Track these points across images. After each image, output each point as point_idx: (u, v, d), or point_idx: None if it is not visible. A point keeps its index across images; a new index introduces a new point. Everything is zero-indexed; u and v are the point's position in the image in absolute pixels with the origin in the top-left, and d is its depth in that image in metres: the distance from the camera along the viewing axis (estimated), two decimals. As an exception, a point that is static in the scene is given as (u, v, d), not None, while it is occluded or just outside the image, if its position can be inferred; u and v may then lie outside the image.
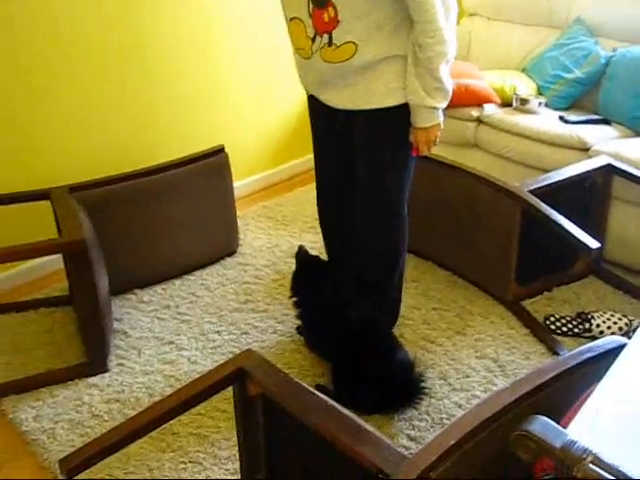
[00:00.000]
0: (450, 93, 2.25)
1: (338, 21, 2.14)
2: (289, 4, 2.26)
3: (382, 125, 2.33)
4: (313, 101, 2.48)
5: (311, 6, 2.16)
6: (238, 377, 1.76)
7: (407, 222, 2.54)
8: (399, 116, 2.29)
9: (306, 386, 1.71)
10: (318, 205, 2.72)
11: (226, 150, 3.21)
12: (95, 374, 2.60)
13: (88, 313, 2.56)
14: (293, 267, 2.69)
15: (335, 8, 2.12)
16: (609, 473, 1.18)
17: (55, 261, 3.14)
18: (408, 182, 2.46)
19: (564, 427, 1.31)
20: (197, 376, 1.83)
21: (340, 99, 2.33)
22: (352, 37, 2.16)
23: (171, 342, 2.78)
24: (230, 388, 1.81)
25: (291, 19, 2.27)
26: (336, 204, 2.64)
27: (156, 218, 3.05)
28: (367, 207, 2.49)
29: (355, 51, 2.18)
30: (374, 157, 2.40)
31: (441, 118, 2.29)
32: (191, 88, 3.63)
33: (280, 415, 1.70)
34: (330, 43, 2.19)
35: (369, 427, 1.59)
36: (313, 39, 2.21)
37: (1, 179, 2.99)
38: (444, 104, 2.26)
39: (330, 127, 2.47)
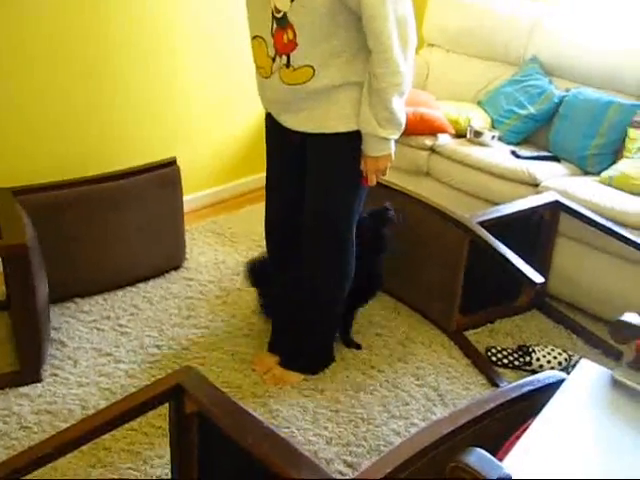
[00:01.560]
0: (403, 125, 2.26)
1: (296, 44, 2.14)
2: (254, 21, 2.26)
3: (334, 150, 2.33)
4: (270, 120, 2.47)
5: (274, 26, 2.16)
6: (175, 394, 1.72)
7: (354, 247, 2.54)
8: (351, 142, 2.29)
9: (243, 406, 1.68)
10: (266, 222, 2.69)
11: (177, 162, 3.18)
12: (27, 383, 2.51)
13: (24, 320, 2.48)
14: (238, 285, 2.66)
15: (294, 31, 2.12)
16: (542, 508, 1.18)
17: (-6, 265, 3.05)
18: (357, 209, 2.46)
19: (500, 460, 1.31)
20: (134, 390, 1.79)
21: (295, 121, 2.33)
22: (309, 61, 2.16)
23: (109, 354, 2.72)
24: (166, 404, 1.77)
25: (254, 37, 2.27)
26: (284, 224, 2.62)
27: (101, 227, 2.99)
28: (314, 232, 2.48)
29: (312, 75, 2.18)
30: (324, 181, 2.40)
31: (392, 149, 2.30)
32: (146, 99, 3.58)
33: (215, 434, 1.67)
34: (288, 65, 2.19)
35: (304, 452, 1.57)
36: (273, 59, 2.21)
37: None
38: (396, 135, 2.27)
39: (285, 147, 2.47)
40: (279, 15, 2.13)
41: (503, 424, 1.64)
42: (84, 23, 3.19)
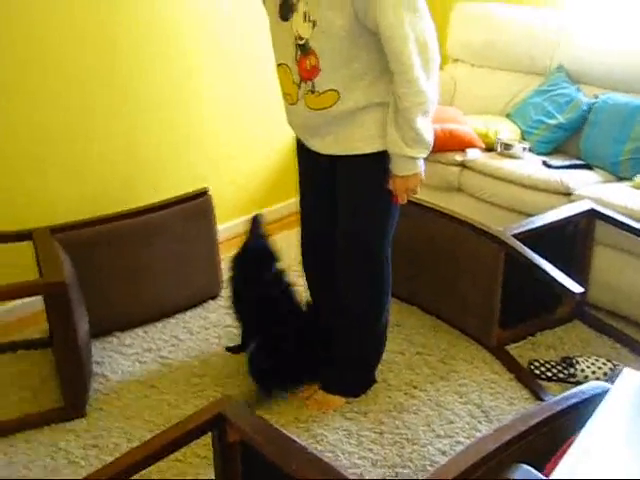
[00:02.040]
0: (430, 143, 2.26)
1: (319, 70, 2.17)
2: (279, 49, 2.30)
3: (362, 171, 2.35)
4: (300, 145, 2.50)
5: (298, 53, 2.19)
6: (217, 423, 1.73)
7: (390, 267, 2.53)
8: (378, 163, 2.30)
9: (286, 432, 1.68)
10: (302, 247, 2.71)
11: (210, 192, 3.21)
12: (72, 419, 2.54)
13: (67, 356, 2.52)
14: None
15: (317, 57, 2.14)
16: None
17: (36, 303, 3.09)
18: (390, 229, 2.46)
19: (547, 475, 1.29)
20: (178, 421, 1.79)
21: (323, 145, 2.35)
22: (334, 85, 2.19)
23: (152, 386, 2.74)
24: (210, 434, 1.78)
25: (279, 65, 2.31)
26: (319, 247, 2.64)
27: (138, 260, 3.03)
28: (348, 255, 2.48)
29: (337, 99, 2.20)
30: (354, 203, 2.41)
31: (421, 167, 2.30)
32: (175, 130, 3.63)
33: (259, 462, 1.67)
34: (313, 90, 2.21)
35: (350, 476, 1.56)
36: (299, 85, 2.24)
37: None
38: (424, 154, 2.27)
39: (315, 171, 2.49)
40: (302, 42, 2.16)
41: (549, 438, 1.62)
42: (104, 52, 3.26)
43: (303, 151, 2.50)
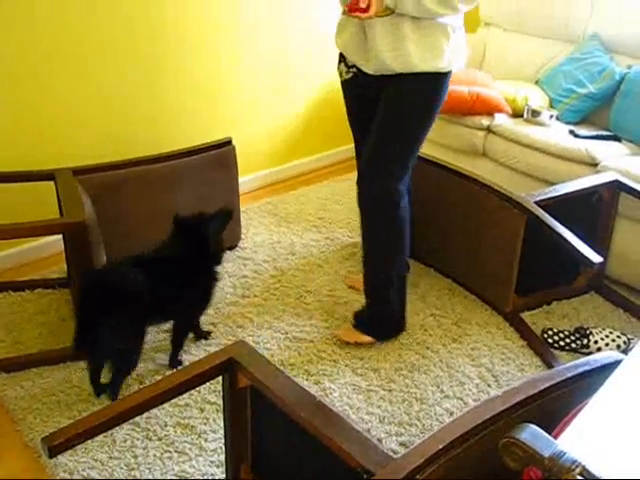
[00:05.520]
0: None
1: None
2: None
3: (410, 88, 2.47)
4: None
5: None
6: (228, 367, 1.74)
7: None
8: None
9: (296, 380, 1.69)
10: None
11: (233, 142, 3.20)
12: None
13: (84, 296, 2.54)
14: (293, 264, 2.67)
15: None
16: (597, 485, 1.17)
17: (56, 243, 3.12)
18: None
19: (555, 438, 1.29)
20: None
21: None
22: None
23: (166, 330, 2.76)
24: (220, 383, 1.80)
25: None
26: None
27: (159, 206, 3.02)
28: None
29: None
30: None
31: None
32: (200, 81, 3.62)
33: (268, 408, 1.69)
34: None
35: (357, 427, 1.57)
36: None
37: (7, 159, 2.98)
38: None
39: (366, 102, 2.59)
40: None
41: (558, 404, 1.62)
42: (131, 4, 3.24)
43: (356, 88, 2.61)
